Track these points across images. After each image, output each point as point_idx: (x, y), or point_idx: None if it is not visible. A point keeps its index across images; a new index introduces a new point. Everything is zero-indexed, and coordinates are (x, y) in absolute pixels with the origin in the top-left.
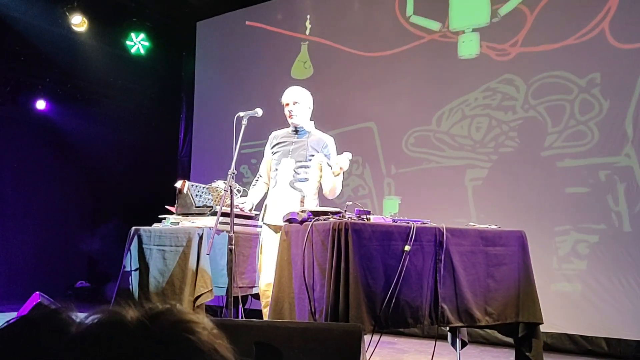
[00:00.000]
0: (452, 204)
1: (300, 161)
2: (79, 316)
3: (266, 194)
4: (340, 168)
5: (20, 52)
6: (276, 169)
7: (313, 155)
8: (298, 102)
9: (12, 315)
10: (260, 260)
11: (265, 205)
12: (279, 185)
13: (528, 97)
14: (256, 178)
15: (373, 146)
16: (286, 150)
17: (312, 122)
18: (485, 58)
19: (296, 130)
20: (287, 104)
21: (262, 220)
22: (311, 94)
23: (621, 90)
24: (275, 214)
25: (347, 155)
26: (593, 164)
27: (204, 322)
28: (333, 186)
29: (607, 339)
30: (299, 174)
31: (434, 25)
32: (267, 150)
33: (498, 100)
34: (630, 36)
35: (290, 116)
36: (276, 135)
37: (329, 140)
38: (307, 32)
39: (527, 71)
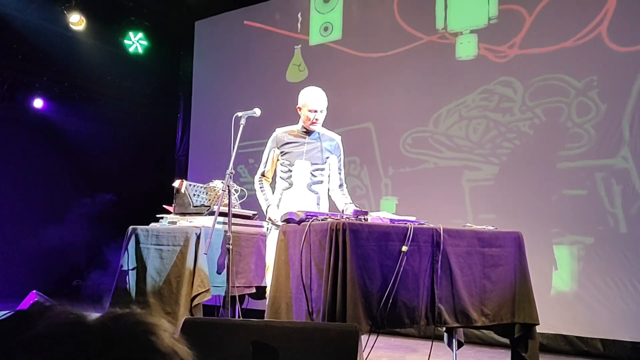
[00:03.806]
0: (449, 205)
1: (317, 164)
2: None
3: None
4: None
5: (18, 50)
6: (289, 170)
7: (328, 157)
8: (324, 110)
9: None
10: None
11: (279, 207)
12: (296, 187)
13: (525, 99)
14: (259, 179)
15: (370, 147)
16: (299, 152)
17: None
18: (483, 60)
19: (306, 131)
20: (315, 111)
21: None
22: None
23: (618, 93)
24: None
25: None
26: (590, 166)
27: (165, 325)
28: None
29: (602, 340)
30: (315, 176)
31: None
32: (273, 148)
33: (495, 102)
34: (628, 39)
35: (313, 123)
36: (284, 134)
37: (338, 140)
38: (298, 30)
39: (525, 73)
